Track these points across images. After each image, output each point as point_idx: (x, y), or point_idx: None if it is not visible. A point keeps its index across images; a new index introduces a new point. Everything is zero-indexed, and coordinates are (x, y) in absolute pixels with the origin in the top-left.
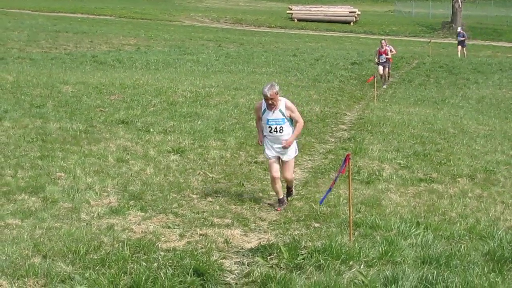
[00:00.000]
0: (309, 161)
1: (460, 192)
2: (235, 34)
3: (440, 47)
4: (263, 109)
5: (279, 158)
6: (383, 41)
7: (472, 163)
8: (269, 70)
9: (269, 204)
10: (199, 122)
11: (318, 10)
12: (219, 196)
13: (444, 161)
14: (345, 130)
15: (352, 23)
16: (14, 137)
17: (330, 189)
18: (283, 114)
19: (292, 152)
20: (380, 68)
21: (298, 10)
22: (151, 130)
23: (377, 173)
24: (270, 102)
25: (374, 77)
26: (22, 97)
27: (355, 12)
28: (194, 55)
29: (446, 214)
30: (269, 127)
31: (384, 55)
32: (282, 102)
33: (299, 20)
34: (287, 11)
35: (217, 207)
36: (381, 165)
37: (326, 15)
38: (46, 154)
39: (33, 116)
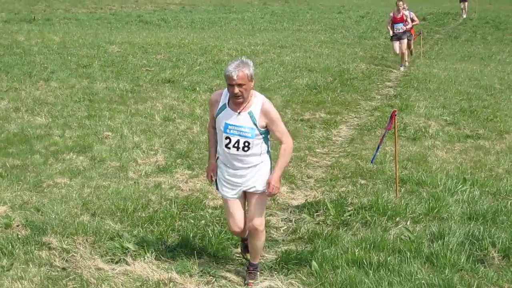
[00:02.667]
0: (355, 118)
1: (507, 148)
2: None
3: (486, 3)
4: (221, 103)
5: (243, 195)
6: (400, 1)
7: None
8: (314, 27)
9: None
10: None
11: None
12: None
13: (491, 117)
14: (391, 87)
15: None
16: (62, 97)
17: (378, 148)
18: (254, 122)
19: (262, 179)
20: (396, 44)
21: None
22: (197, 89)
23: (423, 130)
24: (236, 92)
25: (420, 33)
26: (69, 57)
27: None
28: (239, 14)
29: (492, 170)
30: (227, 137)
31: (401, 24)
32: (258, 101)
33: None
34: None
35: None
36: (427, 122)
37: None
38: (93, 113)
39: (79, 76)
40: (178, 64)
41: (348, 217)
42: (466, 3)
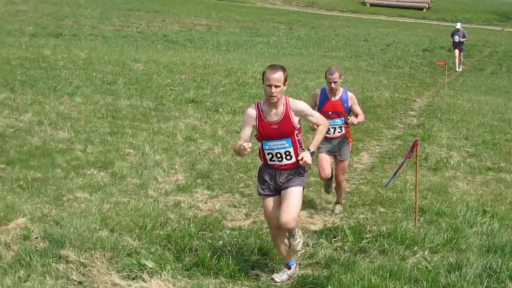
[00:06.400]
0: (376, 146)
1: None
2: (306, 17)
3: None
4: None
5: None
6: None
7: None
8: (340, 54)
9: None
10: None
11: None
12: None
13: None
14: (414, 116)
15: (425, 10)
16: (85, 112)
17: (396, 173)
18: None
19: None
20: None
21: None
22: (220, 110)
23: (444, 160)
24: None
25: (446, 63)
26: (94, 73)
27: None
28: (265, 37)
29: None
30: None
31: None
32: None
33: (372, 5)
34: None
35: None
36: (449, 153)
37: (399, 1)
38: (116, 130)
39: (104, 92)
40: (202, 85)
41: (366, 244)
42: (460, 52)
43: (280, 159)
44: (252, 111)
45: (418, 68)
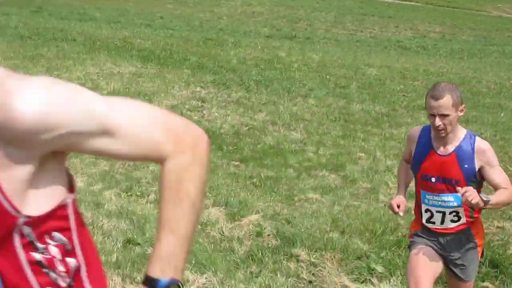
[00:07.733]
0: None
1: None
2: None
3: None
4: None
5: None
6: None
7: None
8: None
9: None
10: (502, 115)
11: None
12: None
13: None
14: None
15: None
16: (318, 114)
17: None
18: None
19: None
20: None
21: None
22: None
23: None
24: None
25: None
26: (327, 76)
27: None
28: (500, 47)
29: None
30: None
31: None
32: None
33: None
34: None
35: None
36: None
37: None
38: (348, 134)
39: (337, 95)
40: None
41: None
42: None
43: None
44: None
45: None
